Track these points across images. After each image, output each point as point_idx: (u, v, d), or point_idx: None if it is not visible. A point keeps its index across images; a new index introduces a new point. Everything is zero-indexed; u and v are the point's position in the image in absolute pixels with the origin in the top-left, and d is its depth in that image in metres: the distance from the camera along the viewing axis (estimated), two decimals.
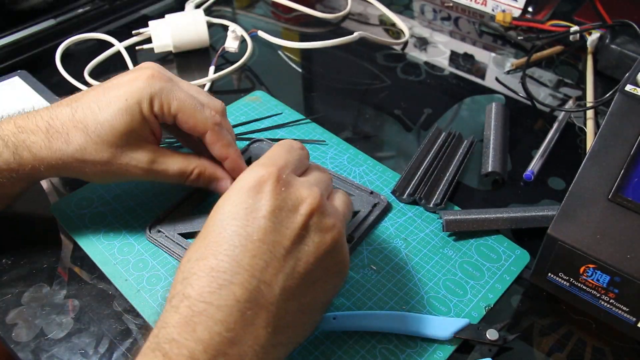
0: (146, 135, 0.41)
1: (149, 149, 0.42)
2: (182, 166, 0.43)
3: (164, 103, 0.40)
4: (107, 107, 0.40)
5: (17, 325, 0.39)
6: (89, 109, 0.40)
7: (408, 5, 0.77)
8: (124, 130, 0.40)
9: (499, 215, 0.45)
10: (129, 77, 0.41)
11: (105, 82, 0.42)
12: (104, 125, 0.40)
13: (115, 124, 0.40)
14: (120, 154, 0.41)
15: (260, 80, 0.63)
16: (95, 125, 0.40)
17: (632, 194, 0.38)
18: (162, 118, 0.41)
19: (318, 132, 0.55)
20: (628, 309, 0.38)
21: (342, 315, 0.39)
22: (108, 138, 0.40)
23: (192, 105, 0.41)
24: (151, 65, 0.43)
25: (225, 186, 0.44)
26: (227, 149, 0.43)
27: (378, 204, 0.47)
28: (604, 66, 0.63)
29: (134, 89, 0.40)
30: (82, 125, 0.40)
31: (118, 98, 0.40)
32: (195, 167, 0.43)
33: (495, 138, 0.53)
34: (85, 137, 0.40)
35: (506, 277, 0.43)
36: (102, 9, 0.70)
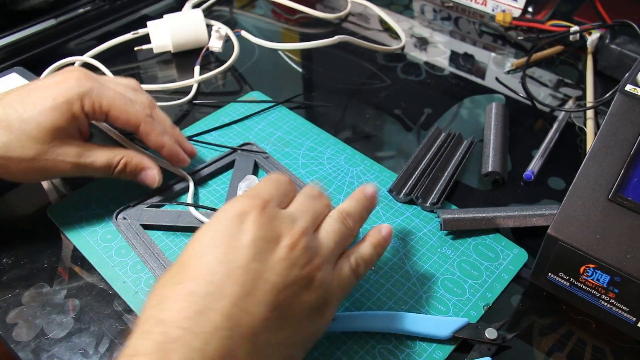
0: (72, 133, 0.42)
1: (76, 144, 0.42)
2: (109, 157, 0.43)
3: (95, 101, 0.42)
4: (33, 106, 0.40)
5: (17, 324, 0.39)
6: (12, 107, 0.40)
7: (408, 5, 0.77)
8: (50, 127, 0.40)
9: (496, 214, 0.45)
10: (56, 79, 0.42)
11: (28, 84, 0.43)
12: (28, 122, 0.40)
13: (41, 120, 0.40)
14: (46, 150, 0.41)
15: (257, 80, 0.63)
16: (20, 122, 0.40)
17: (632, 194, 0.38)
18: (93, 116, 0.43)
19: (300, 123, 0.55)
20: (628, 308, 0.38)
21: (341, 315, 0.39)
22: (33, 134, 0.40)
23: (123, 101, 0.43)
24: (78, 68, 0.44)
25: (151, 175, 0.45)
26: (162, 137, 0.44)
27: None
28: (604, 66, 0.63)
29: (62, 89, 0.41)
30: (4, 123, 0.40)
31: (45, 98, 0.41)
32: (121, 158, 0.44)
33: (495, 138, 0.53)
34: (9, 134, 0.40)
35: (504, 276, 0.43)
36: (103, 9, 0.70)
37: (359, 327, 0.39)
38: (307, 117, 0.57)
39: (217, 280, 0.30)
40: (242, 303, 0.30)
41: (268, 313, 0.30)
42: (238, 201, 0.34)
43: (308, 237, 0.34)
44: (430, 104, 0.60)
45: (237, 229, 0.32)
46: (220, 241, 0.31)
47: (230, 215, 0.32)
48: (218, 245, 0.31)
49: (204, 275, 0.30)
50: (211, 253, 0.31)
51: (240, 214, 0.32)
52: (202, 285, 0.30)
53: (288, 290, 0.32)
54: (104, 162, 0.43)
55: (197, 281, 0.30)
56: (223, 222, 0.32)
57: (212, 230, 0.32)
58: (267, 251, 0.32)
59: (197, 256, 0.31)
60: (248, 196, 0.34)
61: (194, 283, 0.30)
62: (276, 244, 0.32)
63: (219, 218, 0.33)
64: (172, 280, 0.31)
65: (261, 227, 0.32)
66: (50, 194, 0.49)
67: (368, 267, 0.38)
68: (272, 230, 0.33)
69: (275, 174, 0.37)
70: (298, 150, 0.53)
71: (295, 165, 0.51)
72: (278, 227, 0.33)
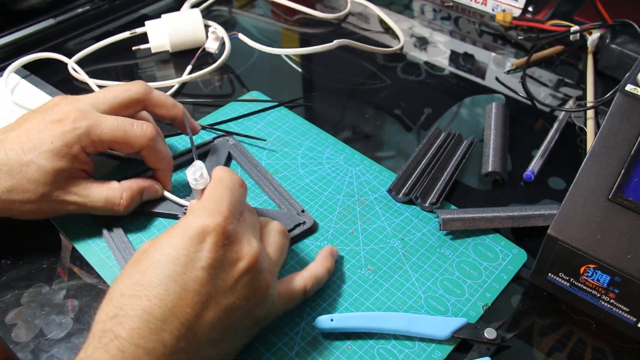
0: (75, 172, 0.42)
1: (79, 185, 0.42)
2: (107, 195, 0.43)
3: (95, 140, 0.41)
4: (32, 148, 0.40)
5: (16, 325, 0.39)
6: (12, 150, 0.40)
7: (408, 5, 0.77)
8: (51, 170, 0.40)
9: (496, 214, 0.45)
10: (51, 119, 0.41)
11: (22, 121, 0.42)
12: (30, 165, 0.40)
13: (41, 164, 0.40)
14: (49, 193, 0.41)
15: (257, 80, 0.63)
16: (20, 167, 0.40)
17: (632, 194, 0.38)
18: (95, 151, 0.42)
19: (299, 123, 0.55)
20: (628, 309, 0.38)
21: (340, 316, 0.39)
22: (34, 177, 0.40)
23: (122, 130, 0.42)
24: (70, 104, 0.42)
25: (153, 190, 0.46)
26: (160, 163, 0.45)
27: (302, 224, 0.45)
28: (604, 66, 0.62)
29: (59, 132, 0.40)
30: (6, 167, 0.40)
31: (42, 140, 0.40)
32: (122, 194, 0.43)
33: (495, 138, 0.53)
34: (11, 179, 0.40)
35: (504, 276, 0.43)
36: (102, 8, 0.71)
37: (358, 328, 0.39)
38: (307, 117, 0.57)
39: (170, 301, 0.31)
40: (191, 324, 0.31)
41: (216, 333, 0.33)
42: (200, 216, 0.34)
43: (262, 258, 0.35)
44: (430, 104, 0.60)
45: (195, 249, 0.33)
46: (178, 260, 0.32)
47: (190, 233, 0.33)
48: (175, 263, 0.32)
49: (158, 294, 0.31)
50: (168, 269, 0.32)
51: (200, 234, 0.33)
52: (156, 305, 0.31)
53: (239, 310, 0.34)
54: (103, 201, 0.43)
55: (153, 300, 0.31)
56: (183, 239, 0.33)
57: (172, 246, 0.33)
58: (222, 274, 0.33)
59: (154, 271, 0.32)
60: (210, 213, 0.34)
61: (150, 301, 0.31)
62: (233, 266, 0.34)
63: (178, 234, 0.33)
64: (130, 293, 0.32)
65: (219, 250, 0.33)
66: None
67: (319, 287, 0.41)
68: (231, 252, 0.34)
69: (227, 175, 0.37)
70: (297, 150, 0.53)
71: (294, 165, 0.51)
72: (237, 248, 0.34)
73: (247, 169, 0.50)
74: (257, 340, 0.38)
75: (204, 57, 0.64)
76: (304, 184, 0.50)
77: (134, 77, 0.63)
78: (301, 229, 0.45)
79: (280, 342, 0.39)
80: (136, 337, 0.30)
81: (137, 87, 0.45)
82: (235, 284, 0.33)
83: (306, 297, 0.40)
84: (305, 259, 0.44)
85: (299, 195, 0.49)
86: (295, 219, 0.46)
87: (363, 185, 0.50)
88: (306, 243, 0.45)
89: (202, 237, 0.33)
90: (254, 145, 0.53)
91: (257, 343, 0.38)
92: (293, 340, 0.39)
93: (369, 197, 0.49)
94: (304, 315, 0.40)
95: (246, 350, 0.38)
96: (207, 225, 0.33)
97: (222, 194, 0.36)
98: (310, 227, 0.45)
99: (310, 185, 0.50)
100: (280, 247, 0.39)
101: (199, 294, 0.32)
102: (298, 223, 0.45)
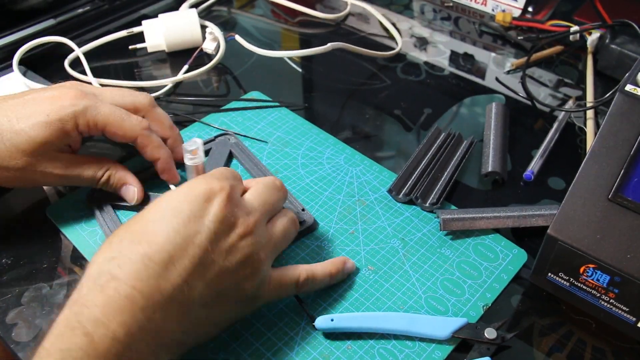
0: (62, 147, 0.43)
1: (64, 158, 0.43)
2: (94, 171, 0.44)
3: (90, 120, 0.42)
4: (26, 118, 0.41)
5: (17, 325, 0.39)
6: (6, 117, 0.41)
7: (408, 5, 0.77)
8: (41, 142, 0.41)
9: (496, 214, 0.45)
10: (51, 94, 0.42)
11: (24, 93, 0.43)
12: (20, 134, 0.40)
13: (32, 134, 0.40)
14: (34, 163, 0.41)
15: (257, 80, 0.63)
16: (11, 134, 0.40)
17: (632, 194, 0.38)
18: (88, 133, 0.43)
19: (300, 123, 0.55)
20: (628, 309, 0.38)
21: (340, 316, 0.39)
22: (23, 147, 0.41)
23: (119, 116, 0.43)
24: (74, 85, 0.44)
25: (132, 191, 0.45)
26: (158, 151, 0.45)
27: (302, 222, 0.45)
28: (604, 66, 0.62)
29: (56, 106, 0.41)
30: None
31: (38, 112, 0.41)
32: (105, 171, 0.44)
33: (495, 138, 0.53)
34: (1, 145, 0.40)
35: (504, 276, 0.43)
36: (102, 8, 0.70)
37: (358, 328, 0.39)
38: (307, 117, 0.57)
39: (172, 250, 0.32)
40: (190, 278, 0.32)
41: (206, 290, 0.33)
42: (207, 180, 0.35)
43: (258, 230, 0.36)
44: (430, 104, 0.60)
45: (202, 206, 0.34)
46: (183, 213, 0.33)
47: (198, 191, 0.34)
48: (180, 216, 0.33)
49: (161, 242, 0.32)
50: (172, 221, 0.33)
51: (207, 193, 0.34)
52: (158, 252, 0.31)
53: (230, 276, 0.34)
54: (89, 175, 0.44)
55: (154, 246, 0.32)
56: (190, 196, 0.34)
57: (177, 200, 0.34)
58: (222, 234, 0.34)
59: (158, 221, 0.33)
60: (217, 177, 0.36)
61: (151, 247, 0.32)
62: (232, 229, 0.34)
63: (186, 191, 0.34)
64: (130, 238, 0.32)
65: (224, 211, 0.34)
66: (49, 194, 0.49)
67: (313, 289, 0.40)
68: (232, 216, 0.35)
69: (228, 167, 0.39)
70: (297, 150, 0.53)
71: (295, 165, 0.51)
72: (238, 214, 0.35)
73: (248, 167, 0.50)
74: (257, 340, 0.39)
75: (201, 58, 0.64)
76: (304, 184, 0.50)
77: (131, 76, 0.63)
78: (301, 227, 0.45)
79: (281, 342, 0.39)
80: (134, 279, 0.30)
81: (143, 96, 0.46)
82: (230, 249, 0.34)
83: (298, 290, 0.39)
84: (305, 258, 0.44)
85: (299, 195, 0.49)
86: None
87: (363, 186, 0.50)
88: (306, 243, 0.45)
89: (209, 196, 0.34)
90: (255, 145, 0.53)
91: (257, 343, 0.38)
92: (293, 340, 0.39)
93: (369, 197, 0.49)
94: (304, 315, 0.40)
95: (246, 350, 0.38)
96: (214, 187, 0.34)
97: (226, 170, 0.37)
98: (311, 225, 0.45)
99: (310, 185, 0.50)
100: (284, 231, 0.39)
101: (199, 247, 0.32)
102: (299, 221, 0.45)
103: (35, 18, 0.66)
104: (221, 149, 0.52)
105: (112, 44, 0.65)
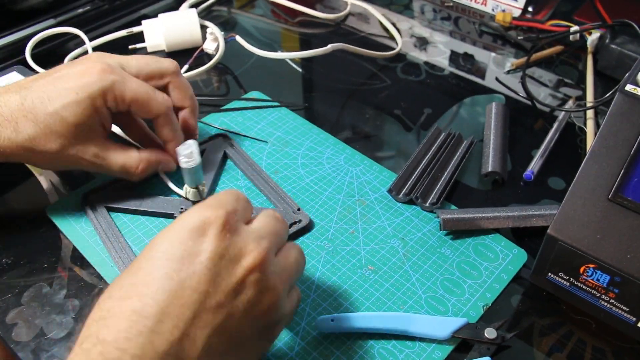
0: (95, 127, 0.42)
1: (96, 142, 0.43)
2: (124, 162, 0.44)
3: (117, 96, 0.42)
4: (57, 98, 0.40)
5: (17, 325, 0.39)
6: (38, 98, 0.40)
7: (408, 5, 0.77)
8: (74, 123, 0.41)
9: (496, 214, 0.45)
10: (79, 70, 0.42)
11: (53, 71, 0.43)
12: (53, 116, 0.40)
13: (65, 115, 0.40)
14: (69, 146, 0.41)
15: (257, 80, 0.63)
16: (45, 116, 0.40)
17: (632, 194, 0.38)
18: (115, 109, 0.43)
19: (300, 123, 0.55)
20: (628, 308, 0.38)
21: (341, 316, 0.39)
22: (57, 129, 0.40)
23: (146, 93, 0.43)
24: (100, 58, 0.43)
25: (171, 166, 0.47)
26: (174, 133, 0.45)
27: (298, 222, 0.45)
28: (604, 66, 0.62)
29: (84, 82, 0.41)
30: (31, 115, 0.40)
31: (68, 90, 0.40)
32: (139, 163, 0.44)
33: (495, 138, 0.53)
34: (35, 127, 0.40)
35: (504, 276, 0.43)
36: (102, 8, 0.71)
37: (359, 329, 0.39)
38: (307, 117, 0.57)
39: (163, 300, 0.28)
40: (187, 328, 0.28)
41: (214, 338, 0.29)
42: (199, 210, 0.31)
43: (271, 258, 0.32)
44: (430, 104, 0.60)
45: (195, 243, 0.30)
46: (175, 255, 0.29)
47: (190, 226, 0.30)
48: (172, 259, 0.29)
49: (151, 293, 0.28)
50: (163, 267, 0.29)
51: (200, 226, 0.30)
52: (148, 305, 0.28)
53: (244, 318, 0.30)
54: (120, 166, 0.44)
55: (144, 299, 0.28)
56: (181, 234, 0.30)
57: (168, 241, 0.30)
58: (224, 271, 0.30)
59: (148, 269, 0.29)
60: (211, 205, 0.31)
61: (141, 301, 0.28)
62: (236, 263, 0.30)
63: (176, 228, 0.31)
64: (119, 294, 0.29)
65: (221, 243, 0.30)
66: (49, 194, 0.49)
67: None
68: (235, 247, 0.30)
69: (233, 190, 0.35)
70: (297, 150, 0.53)
71: (295, 165, 0.51)
72: (241, 244, 0.31)
73: (243, 168, 0.50)
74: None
75: (201, 58, 0.64)
76: (304, 184, 0.50)
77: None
78: (297, 227, 0.45)
79: (281, 342, 0.39)
80: (122, 341, 0.27)
81: (169, 63, 0.46)
82: (238, 285, 0.30)
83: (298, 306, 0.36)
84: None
85: (299, 195, 0.49)
86: (290, 217, 0.46)
87: (363, 185, 0.50)
88: (306, 243, 0.45)
89: (202, 229, 0.30)
90: (255, 145, 0.53)
91: None
92: (293, 340, 0.39)
93: (369, 197, 0.49)
94: (304, 315, 0.40)
95: None
96: (208, 217, 0.30)
97: (226, 196, 0.33)
98: (306, 225, 0.45)
99: (310, 185, 0.50)
100: (296, 263, 0.34)
101: (197, 292, 0.28)
102: (294, 221, 0.45)
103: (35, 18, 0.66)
104: (216, 149, 0.52)
105: (112, 44, 0.65)
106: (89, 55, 0.44)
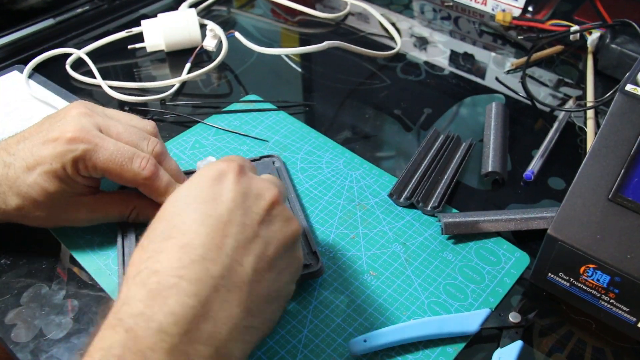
0: (81, 190, 0.41)
1: (85, 203, 0.42)
2: (121, 209, 0.43)
3: (89, 165, 0.40)
4: (35, 167, 0.39)
5: (16, 325, 0.39)
6: (20, 167, 0.40)
7: (408, 4, 0.77)
8: (55, 192, 0.40)
9: (498, 217, 0.45)
10: (52, 137, 0.40)
11: (36, 129, 0.41)
12: (34, 187, 0.40)
13: (45, 186, 0.40)
14: (58, 212, 0.41)
15: (256, 81, 0.63)
16: (27, 187, 0.40)
17: (632, 194, 0.38)
18: (91, 176, 0.41)
19: (298, 127, 0.55)
20: (628, 309, 0.38)
21: (372, 335, 0.37)
22: (41, 200, 0.40)
23: (119, 163, 0.40)
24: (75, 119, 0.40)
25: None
26: (162, 198, 0.41)
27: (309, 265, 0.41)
28: (604, 66, 0.62)
29: (57, 152, 0.39)
30: (15, 187, 0.40)
31: (44, 159, 0.39)
32: (133, 209, 0.44)
33: (495, 138, 0.53)
34: (21, 199, 0.40)
35: (507, 280, 0.42)
36: (101, 8, 0.71)
37: (393, 342, 0.37)
38: (306, 118, 0.57)
39: (207, 233, 0.30)
40: (235, 254, 0.30)
41: (259, 264, 0.31)
42: (213, 165, 0.34)
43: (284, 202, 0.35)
44: (430, 104, 0.60)
45: (217, 187, 0.32)
46: (205, 198, 0.32)
47: (209, 176, 0.33)
48: (203, 201, 0.32)
49: (194, 229, 0.30)
50: (196, 210, 0.31)
51: (218, 175, 0.33)
52: (194, 238, 0.30)
53: (275, 243, 0.33)
54: (116, 214, 0.43)
55: (188, 235, 0.30)
56: (202, 183, 0.33)
57: (193, 189, 0.33)
58: (252, 205, 0.33)
59: (182, 213, 0.31)
60: (222, 160, 0.35)
61: (185, 237, 0.30)
62: (259, 199, 0.33)
63: (196, 180, 0.33)
64: (161, 237, 0.31)
65: (240, 185, 0.33)
66: None
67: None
68: (254, 187, 0.34)
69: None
70: (296, 154, 0.53)
71: (294, 170, 0.51)
72: (259, 184, 0.34)
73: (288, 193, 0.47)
74: (259, 349, 0.38)
75: (200, 56, 0.64)
76: (303, 189, 0.49)
77: (131, 76, 0.63)
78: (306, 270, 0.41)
79: (283, 351, 0.38)
80: (177, 269, 0.29)
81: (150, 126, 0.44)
82: (267, 216, 0.33)
83: None
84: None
85: (298, 200, 0.48)
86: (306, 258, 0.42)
87: (363, 189, 0.49)
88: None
89: (220, 177, 0.33)
90: (255, 147, 0.53)
91: (260, 351, 0.38)
92: (296, 349, 0.38)
93: (369, 202, 0.48)
94: (306, 322, 0.40)
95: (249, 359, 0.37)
96: (223, 168, 0.33)
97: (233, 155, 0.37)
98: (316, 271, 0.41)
99: (310, 189, 0.49)
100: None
101: (234, 224, 0.31)
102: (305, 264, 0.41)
103: (34, 18, 0.66)
104: (264, 170, 0.49)
105: (111, 44, 0.65)
106: (67, 111, 0.41)
